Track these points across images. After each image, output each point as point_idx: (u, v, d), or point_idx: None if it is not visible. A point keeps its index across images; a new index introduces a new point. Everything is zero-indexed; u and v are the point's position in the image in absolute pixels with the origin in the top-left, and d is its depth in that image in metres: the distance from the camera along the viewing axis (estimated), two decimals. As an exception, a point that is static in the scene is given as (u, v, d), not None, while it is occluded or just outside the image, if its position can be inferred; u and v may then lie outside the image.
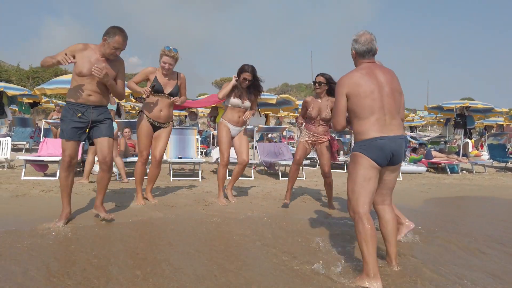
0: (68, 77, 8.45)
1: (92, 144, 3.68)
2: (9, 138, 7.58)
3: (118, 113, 9.97)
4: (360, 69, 2.64)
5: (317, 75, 4.63)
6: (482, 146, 14.37)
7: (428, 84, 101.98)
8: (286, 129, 13.05)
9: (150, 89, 4.15)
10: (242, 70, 4.54)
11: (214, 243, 3.12)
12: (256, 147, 8.80)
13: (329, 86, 4.55)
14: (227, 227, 3.63)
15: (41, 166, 6.47)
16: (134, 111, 16.69)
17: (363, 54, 2.67)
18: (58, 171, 6.21)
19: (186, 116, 17.34)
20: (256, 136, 10.84)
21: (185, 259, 2.70)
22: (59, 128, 9.21)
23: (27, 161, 6.23)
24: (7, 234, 3.10)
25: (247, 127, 4.99)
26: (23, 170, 6.10)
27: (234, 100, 4.58)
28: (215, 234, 3.39)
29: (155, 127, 4.43)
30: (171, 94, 4.35)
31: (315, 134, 4.64)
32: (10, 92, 10.52)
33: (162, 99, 4.34)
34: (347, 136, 11.43)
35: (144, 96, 4.22)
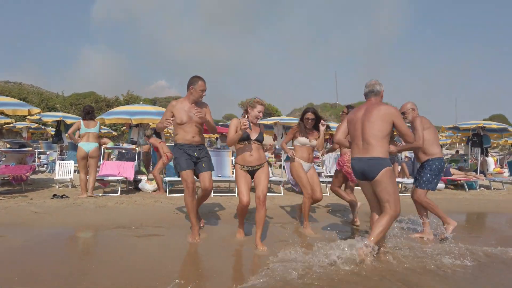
0: (122, 108, 9.69)
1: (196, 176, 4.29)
2: (72, 161, 8.54)
3: (159, 136, 11.37)
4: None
5: (347, 106, 5.50)
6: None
7: (456, 102, 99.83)
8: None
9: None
10: (305, 111, 5.01)
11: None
12: (284, 166, 9.54)
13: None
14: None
15: (104, 183, 7.83)
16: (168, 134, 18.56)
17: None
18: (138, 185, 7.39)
19: (217, 138, 18.75)
20: (284, 156, 11.54)
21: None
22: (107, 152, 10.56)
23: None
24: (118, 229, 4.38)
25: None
26: (90, 187, 7.30)
27: (302, 139, 4.95)
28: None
29: (251, 172, 4.24)
30: (257, 140, 4.24)
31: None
32: (68, 121, 12.05)
33: (250, 145, 4.20)
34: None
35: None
